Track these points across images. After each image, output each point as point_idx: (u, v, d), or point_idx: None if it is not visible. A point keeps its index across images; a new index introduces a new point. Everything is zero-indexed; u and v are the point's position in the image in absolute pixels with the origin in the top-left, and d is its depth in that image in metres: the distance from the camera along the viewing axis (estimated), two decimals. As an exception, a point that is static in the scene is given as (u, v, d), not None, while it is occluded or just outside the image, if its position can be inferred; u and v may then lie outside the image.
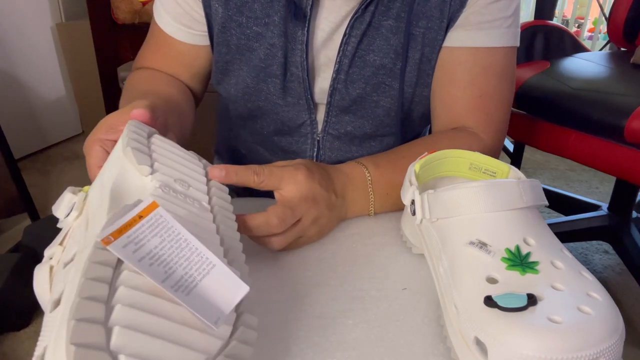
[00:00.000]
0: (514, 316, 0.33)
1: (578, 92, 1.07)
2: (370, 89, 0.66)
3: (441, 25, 0.64)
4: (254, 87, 0.68)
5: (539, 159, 2.31)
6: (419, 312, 0.44)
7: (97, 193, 0.41)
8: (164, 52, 0.72)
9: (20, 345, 1.24)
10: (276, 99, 0.68)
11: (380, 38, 0.64)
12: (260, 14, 0.64)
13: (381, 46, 0.64)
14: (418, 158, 0.51)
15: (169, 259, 0.32)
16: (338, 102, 0.67)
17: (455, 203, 0.42)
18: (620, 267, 1.51)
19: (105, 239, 0.29)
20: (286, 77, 0.66)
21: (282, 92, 0.67)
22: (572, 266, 0.38)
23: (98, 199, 0.40)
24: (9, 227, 1.72)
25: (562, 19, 2.79)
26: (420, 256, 0.51)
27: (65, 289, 0.33)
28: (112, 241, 0.30)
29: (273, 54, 0.65)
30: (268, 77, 0.66)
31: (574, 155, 1.10)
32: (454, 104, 0.67)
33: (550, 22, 1.38)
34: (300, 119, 0.70)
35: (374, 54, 0.65)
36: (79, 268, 0.31)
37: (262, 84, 0.67)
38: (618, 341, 0.33)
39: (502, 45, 0.65)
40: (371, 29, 0.64)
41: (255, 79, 0.67)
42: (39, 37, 2.23)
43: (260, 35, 0.65)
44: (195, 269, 0.32)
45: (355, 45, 0.64)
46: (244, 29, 0.65)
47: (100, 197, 0.39)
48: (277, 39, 0.64)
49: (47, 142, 2.38)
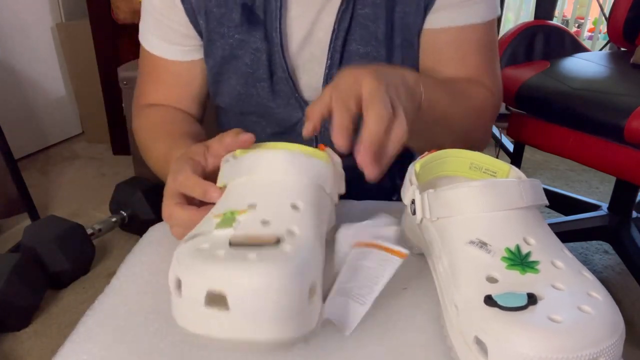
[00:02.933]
0: (514, 315, 0.33)
1: (578, 92, 1.07)
2: None
3: (418, 9, 0.64)
4: (244, 93, 0.69)
5: (539, 159, 2.31)
6: (419, 311, 0.44)
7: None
8: (161, 80, 0.73)
9: (20, 345, 1.24)
10: (267, 101, 0.69)
11: (360, 27, 0.65)
12: (239, 21, 0.65)
13: (362, 35, 0.65)
14: (418, 157, 0.51)
15: (358, 275, 0.39)
16: None
17: (455, 202, 0.42)
18: (620, 267, 1.51)
19: (357, 243, 0.38)
20: (273, 80, 0.67)
21: (272, 95, 0.68)
22: (572, 266, 0.38)
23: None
24: (9, 227, 1.72)
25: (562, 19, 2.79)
26: (420, 256, 0.51)
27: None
28: (357, 246, 0.38)
29: (258, 58, 0.66)
30: (257, 81, 0.67)
31: (574, 155, 1.10)
32: None
33: (550, 22, 1.38)
34: (294, 118, 0.70)
35: (356, 43, 0.65)
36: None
37: (251, 89, 0.68)
38: (618, 341, 0.33)
39: (485, 20, 0.66)
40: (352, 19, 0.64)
41: (245, 85, 0.68)
42: (39, 37, 2.23)
43: (243, 42, 0.66)
44: (355, 292, 0.39)
45: (343, 37, 0.64)
46: (227, 38, 0.66)
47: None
48: (261, 43, 0.65)
49: (47, 142, 2.38)
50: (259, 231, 0.36)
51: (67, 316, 1.33)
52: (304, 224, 0.38)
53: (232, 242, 0.34)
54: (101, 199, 1.88)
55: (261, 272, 0.31)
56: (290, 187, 0.41)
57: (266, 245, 0.34)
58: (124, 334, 0.41)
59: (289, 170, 0.41)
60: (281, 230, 0.36)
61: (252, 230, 0.36)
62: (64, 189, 2.04)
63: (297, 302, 0.32)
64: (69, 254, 1.39)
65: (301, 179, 0.41)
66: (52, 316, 1.33)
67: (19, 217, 1.71)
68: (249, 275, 0.31)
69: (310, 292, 0.34)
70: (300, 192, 0.40)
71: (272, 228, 0.37)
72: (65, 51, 2.32)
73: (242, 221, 0.37)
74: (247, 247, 0.34)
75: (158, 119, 0.71)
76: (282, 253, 0.34)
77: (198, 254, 0.34)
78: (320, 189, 0.42)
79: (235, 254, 0.33)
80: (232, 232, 0.36)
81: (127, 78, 1.74)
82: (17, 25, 2.12)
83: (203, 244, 0.35)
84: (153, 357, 0.39)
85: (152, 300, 0.45)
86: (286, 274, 0.32)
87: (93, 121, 2.40)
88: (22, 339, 1.26)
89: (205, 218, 0.41)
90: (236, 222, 0.37)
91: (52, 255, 1.36)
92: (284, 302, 0.32)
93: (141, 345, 0.40)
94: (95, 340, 0.41)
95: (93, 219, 1.73)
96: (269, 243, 0.34)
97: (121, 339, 0.41)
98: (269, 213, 0.38)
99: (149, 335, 0.41)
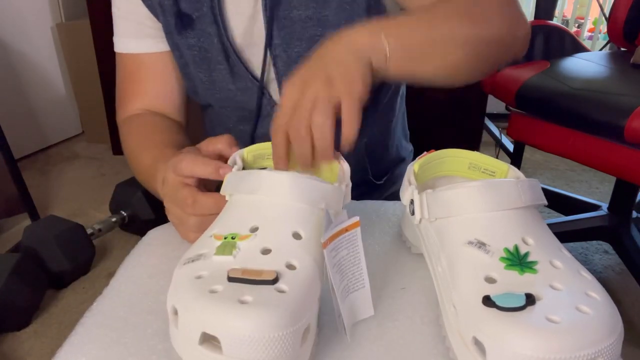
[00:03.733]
0: (512, 316, 0.33)
1: (578, 92, 1.07)
2: (306, 44, 0.67)
3: None
4: (207, 79, 0.71)
5: (539, 159, 2.31)
6: (417, 311, 0.44)
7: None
8: (138, 79, 0.74)
9: (20, 345, 1.24)
10: (228, 84, 0.71)
11: None
12: (190, 9, 0.67)
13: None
14: (417, 158, 0.51)
15: (344, 268, 0.39)
16: (283, 70, 0.68)
17: (453, 203, 0.42)
18: (620, 267, 1.51)
19: (324, 243, 0.37)
20: (229, 62, 0.69)
21: (231, 78, 0.70)
22: (570, 266, 0.38)
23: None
24: (9, 227, 1.72)
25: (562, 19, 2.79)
26: (419, 256, 0.51)
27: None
28: (327, 245, 0.37)
29: (210, 41, 0.68)
30: (215, 65, 0.69)
31: (574, 155, 1.10)
32: None
33: (550, 22, 1.38)
34: (255, 101, 0.71)
35: (296, 9, 0.65)
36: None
37: (213, 73, 0.70)
38: (616, 341, 0.33)
39: None
40: None
41: (207, 70, 0.70)
42: (39, 37, 2.23)
43: (195, 29, 0.68)
44: (352, 283, 0.40)
45: (272, 5, 0.64)
46: (180, 28, 0.68)
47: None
48: (210, 27, 0.67)
49: (47, 142, 2.39)
50: (258, 263, 0.37)
51: (67, 316, 1.33)
52: (304, 254, 0.38)
53: (230, 277, 0.35)
54: (101, 199, 1.88)
55: (257, 322, 0.32)
56: (293, 213, 0.41)
57: (264, 283, 0.34)
58: (123, 335, 0.41)
59: (293, 195, 0.41)
60: (280, 263, 0.37)
61: (251, 261, 0.37)
62: (64, 189, 2.04)
63: (290, 349, 0.33)
64: (69, 254, 1.39)
65: (304, 205, 0.41)
66: (52, 316, 1.33)
67: (19, 217, 1.71)
68: (244, 325, 0.32)
69: (303, 335, 0.34)
70: (303, 220, 0.40)
71: (272, 258, 0.37)
72: (65, 51, 2.32)
73: (242, 249, 0.38)
74: (244, 283, 0.34)
75: (142, 128, 0.71)
76: (278, 296, 0.34)
77: (196, 286, 0.35)
78: (324, 212, 0.42)
79: (232, 295, 0.33)
80: (231, 261, 0.37)
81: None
82: (17, 25, 2.12)
83: (202, 270, 0.36)
84: (151, 358, 0.39)
85: (151, 301, 0.45)
86: (280, 324, 0.32)
87: (93, 121, 2.40)
88: (22, 339, 1.26)
89: (204, 236, 0.41)
90: (236, 249, 0.38)
91: (52, 255, 1.36)
92: (277, 350, 0.32)
93: (140, 347, 0.40)
94: (94, 341, 0.41)
95: (93, 219, 1.73)
96: (267, 281, 0.35)
97: (120, 340, 0.41)
98: (270, 241, 0.39)
99: (148, 336, 0.41)
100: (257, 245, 0.38)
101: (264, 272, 0.35)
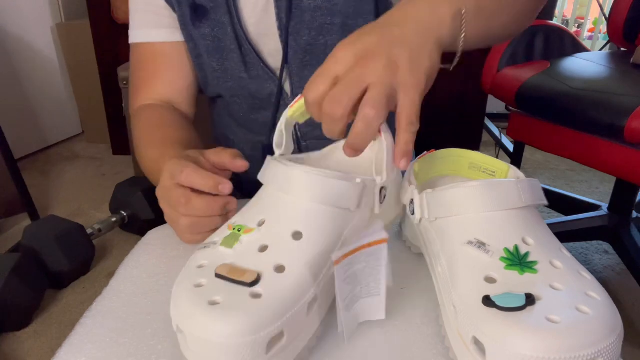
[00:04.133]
0: (512, 316, 0.33)
1: (578, 92, 1.07)
2: (315, 32, 0.68)
3: None
4: (220, 68, 0.72)
5: (539, 159, 2.31)
6: (417, 311, 0.44)
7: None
8: (152, 68, 0.75)
9: (20, 345, 1.24)
10: (240, 73, 0.72)
11: None
12: (204, 1, 0.68)
13: None
14: (417, 157, 0.51)
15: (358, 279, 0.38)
16: (292, 59, 0.69)
17: (453, 202, 0.42)
18: (620, 267, 1.51)
19: (337, 260, 0.35)
20: (242, 51, 0.70)
21: (244, 66, 0.71)
22: (570, 266, 0.38)
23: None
24: (9, 227, 1.72)
25: (562, 19, 2.79)
26: (419, 255, 0.51)
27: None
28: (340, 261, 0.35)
29: (224, 31, 0.69)
30: (228, 54, 0.71)
31: (574, 155, 1.10)
32: None
33: (550, 22, 1.38)
34: (266, 90, 0.72)
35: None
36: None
37: (226, 62, 0.71)
38: (616, 341, 0.33)
39: None
40: None
41: (220, 58, 0.71)
42: (39, 37, 2.24)
43: (209, 19, 0.69)
44: (366, 291, 0.39)
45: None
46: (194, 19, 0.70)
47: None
48: (224, 17, 0.68)
49: (47, 142, 2.39)
50: (250, 260, 0.37)
51: (67, 316, 1.33)
52: (299, 256, 0.38)
53: (216, 273, 0.36)
54: (101, 199, 1.88)
55: (215, 325, 0.33)
56: (298, 211, 0.40)
57: (242, 284, 0.35)
58: (122, 336, 0.41)
59: (302, 192, 0.40)
60: (270, 264, 0.37)
61: (245, 257, 0.38)
62: (64, 189, 2.04)
63: (248, 357, 0.33)
64: (69, 254, 1.39)
65: (312, 204, 0.40)
66: (52, 316, 1.33)
67: (19, 217, 1.71)
68: (204, 326, 0.33)
69: (269, 345, 0.34)
70: (306, 219, 0.40)
71: (264, 257, 0.38)
72: (65, 51, 2.32)
73: (244, 242, 0.39)
74: (227, 280, 0.36)
75: (153, 121, 0.72)
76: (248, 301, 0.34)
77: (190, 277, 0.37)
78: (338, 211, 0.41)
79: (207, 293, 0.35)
80: (230, 254, 0.38)
81: (127, 78, 1.74)
82: (17, 25, 2.12)
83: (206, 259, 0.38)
84: (151, 358, 0.39)
85: (150, 301, 0.45)
86: (236, 332, 0.33)
87: (93, 121, 2.40)
88: (22, 339, 1.26)
89: (225, 224, 0.42)
90: (238, 242, 0.39)
91: (52, 255, 1.36)
92: (233, 356, 0.33)
93: (139, 347, 0.40)
94: (94, 341, 0.41)
95: (93, 219, 1.73)
96: (245, 283, 0.35)
97: (119, 341, 0.41)
98: (269, 238, 0.39)
99: (147, 336, 0.41)
100: (257, 240, 0.39)
101: (246, 273, 0.36)
